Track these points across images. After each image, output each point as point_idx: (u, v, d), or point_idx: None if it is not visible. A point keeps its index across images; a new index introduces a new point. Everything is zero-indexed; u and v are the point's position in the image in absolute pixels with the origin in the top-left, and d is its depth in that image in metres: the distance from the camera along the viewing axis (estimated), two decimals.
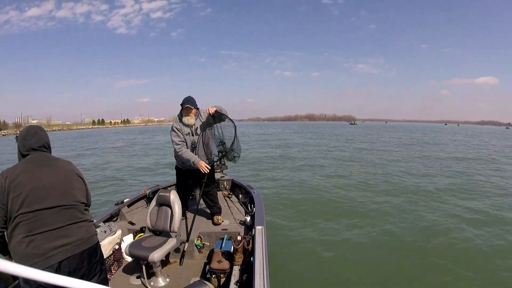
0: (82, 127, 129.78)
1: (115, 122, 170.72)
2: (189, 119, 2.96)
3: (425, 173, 10.13)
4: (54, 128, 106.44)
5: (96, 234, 1.58)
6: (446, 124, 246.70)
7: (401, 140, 26.94)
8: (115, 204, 3.23)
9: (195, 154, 3.01)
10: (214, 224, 3.12)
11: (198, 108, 3.04)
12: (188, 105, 2.92)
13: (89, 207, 1.66)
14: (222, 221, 3.16)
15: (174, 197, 2.58)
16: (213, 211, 3.24)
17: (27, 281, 1.28)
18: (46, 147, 1.56)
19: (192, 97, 3.01)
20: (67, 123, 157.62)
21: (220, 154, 3.05)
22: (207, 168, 2.92)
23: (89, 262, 1.46)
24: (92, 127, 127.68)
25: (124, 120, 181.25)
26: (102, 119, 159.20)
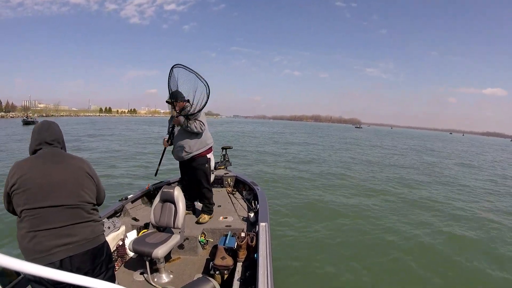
0: (89, 114, 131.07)
1: (121, 111, 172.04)
2: (173, 111, 3.08)
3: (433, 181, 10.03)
4: (61, 114, 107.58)
5: (103, 234, 1.56)
6: (451, 133, 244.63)
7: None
8: (119, 200, 3.20)
9: (173, 144, 3.16)
10: (197, 222, 3.04)
11: (187, 100, 3.06)
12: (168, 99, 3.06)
13: (100, 205, 1.65)
14: (206, 221, 3.06)
15: (178, 193, 2.56)
16: (202, 209, 3.19)
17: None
18: (59, 143, 1.55)
19: (177, 91, 3.05)
20: (73, 109, 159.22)
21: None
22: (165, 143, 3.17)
23: (92, 262, 1.45)
24: (99, 115, 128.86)
25: (130, 110, 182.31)
26: (109, 107, 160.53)
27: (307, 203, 6.37)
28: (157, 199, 2.65)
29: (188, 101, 3.05)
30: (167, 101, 3.07)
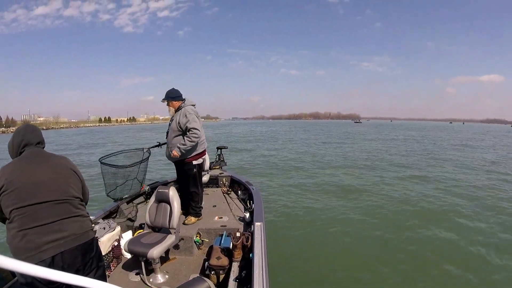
0: (89, 124, 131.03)
1: (121, 120, 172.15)
2: (169, 111, 3.14)
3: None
4: (61, 126, 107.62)
5: (93, 230, 1.57)
6: (451, 123, 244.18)
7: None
8: (114, 201, 3.21)
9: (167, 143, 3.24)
10: (183, 223, 3.03)
11: (183, 99, 3.11)
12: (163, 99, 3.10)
13: (86, 203, 1.66)
14: (192, 223, 3.06)
15: (173, 193, 2.57)
16: (188, 211, 3.17)
17: (23, 274, 1.30)
18: (43, 144, 1.59)
19: (172, 90, 3.09)
20: (73, 120, 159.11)
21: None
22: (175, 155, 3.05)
23: (83, 257, 1.45)
24: (99, 125, 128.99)
25: (130, 118, 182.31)
26: (109, 117, 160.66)
27: (302, 202, 6.35)
28: (152, 199, 2.65)
29: (184, 100, 3.09)
30: (162, 101, 3.11)
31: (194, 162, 3.16)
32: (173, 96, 3.06)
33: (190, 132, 2.95)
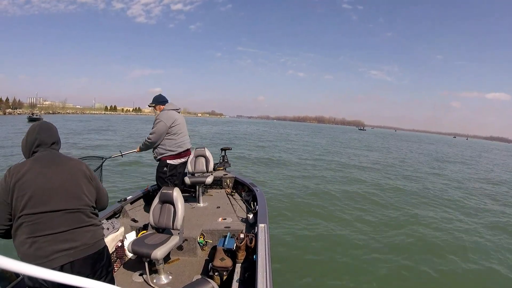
0: (94, 112, 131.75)
1: (126, 109, 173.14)
2: (156, 113, 3.33)
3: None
4: (67, 111, 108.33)
5: (103, 238, 1.53)
6: (455, 137, 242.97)
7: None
8: (118, 201, 3.21)
9: None
10: None
11: (164, 103, 3.29)
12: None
13: (104, 209, 1.65)
14: None
15: (177, 194, 2.56)
16: None
17: (31, 278, 1.27)
18: (58, 145, 1.52)
19: (158, 96, 3.36)
20: (78, 106, 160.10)
21: None
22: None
23: (93, 267, 1.42)
24: (105, 113, 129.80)
25: (135, 108, 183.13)
26: (115, 106, 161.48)
27: (306, 204, 6.36)
28: (156, 200, 2.65)
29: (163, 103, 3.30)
30: (149, 105, 3.34)
31: (168, 161, 3.22)
32: (160, 101, 3.31)
33: (146, 140, 3.20)
